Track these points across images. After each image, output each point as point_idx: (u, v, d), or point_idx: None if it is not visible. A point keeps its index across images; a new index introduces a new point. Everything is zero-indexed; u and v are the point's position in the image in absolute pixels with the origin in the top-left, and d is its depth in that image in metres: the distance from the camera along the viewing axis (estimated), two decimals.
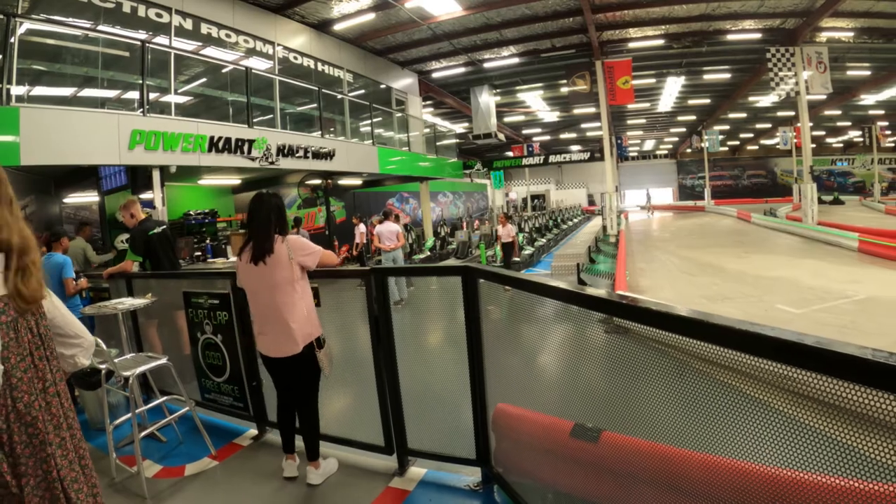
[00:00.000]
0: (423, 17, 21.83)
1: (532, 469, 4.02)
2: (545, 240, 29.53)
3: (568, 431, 3.43)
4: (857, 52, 32.67)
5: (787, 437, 2.15)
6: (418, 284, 10.89)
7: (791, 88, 28.55)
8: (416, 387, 4.95)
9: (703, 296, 15.72)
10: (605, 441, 3.23)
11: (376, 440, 5.00)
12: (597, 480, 3.33)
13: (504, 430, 4.24)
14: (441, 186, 41.32)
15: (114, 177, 15.59)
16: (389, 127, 26.00)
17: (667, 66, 34.30)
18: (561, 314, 3.62)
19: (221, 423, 6.34)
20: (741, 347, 2.12)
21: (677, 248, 27.34)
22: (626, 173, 73.59)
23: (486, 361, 4.34)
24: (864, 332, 11.56)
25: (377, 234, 15.64)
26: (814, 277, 17.78)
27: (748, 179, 77.62)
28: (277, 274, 4.50)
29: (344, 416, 5.65)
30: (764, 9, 25.07)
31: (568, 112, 43.69)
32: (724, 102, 45.42)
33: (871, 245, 22.68)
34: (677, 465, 2.73)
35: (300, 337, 4.55)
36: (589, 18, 23.46)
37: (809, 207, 30.34)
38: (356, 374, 5.25)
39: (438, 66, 29.51)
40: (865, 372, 1.69)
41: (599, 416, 3.40)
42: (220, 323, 5.96)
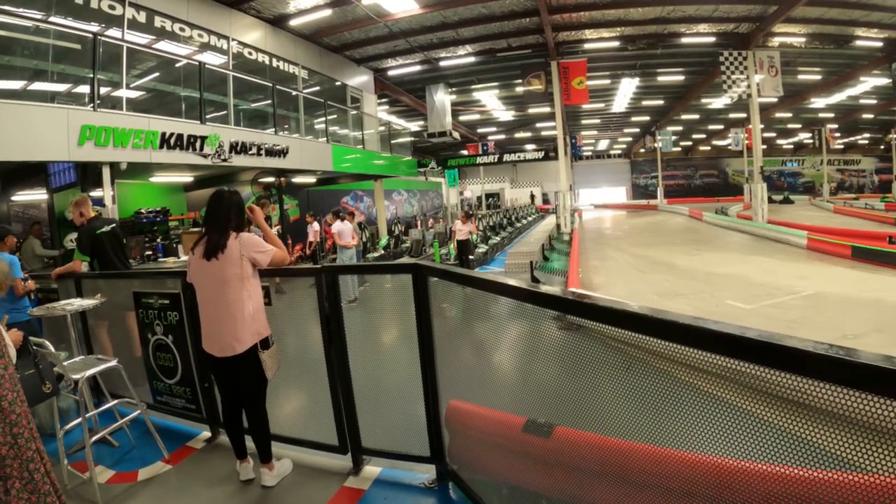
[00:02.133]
0: (381, 14, 21.76)
1: (486, 465, 4.06)
2: (499, 238, 29.59)
3: (520, 427, 3.47)
4: (808, 57, 33.46)
5: (734, 427, 2.21)
6: (372, 283, 10.89)
7: (743, 91, 29.13)
8: (370, 385, 4.93)
9: (655, 292, 15.98)
10: (558, 436, 3.27)
11: (330, 440, 4.96)
12: (550, 474, 3.37)
13: (457, 426, 4.26)
14: (396, 185, 41.18)
15: (63, 173, 15.26)
16: (344, 125, 25.75)
17: (622, 67, 34.69)
18: (513, 311, 3.65)
19: (174, 426, 6.22)
20: (686, 341, 2.20)
21: (630, 246, 27.72)
22: (580, 172, 74.24)
23: (438, 359, 4.36)
24: (813, 325, 11.95)
25: (337, 233, 15.56)
26: (764, 274, 18.23)
27: (700, 179, 79.21)
28: (228, 270, 4.46)
29: (297, 417, 5.58)
30: (718, 13, 25.50)
31: (523, 111, 43.91)
32: (677, 104, 46.13)
33: (819, 242, 23.39)
34: (628, 458, 2.79)
35: (248, 335, 4.49)
36: (545, 19, 23.60)
37: (760, 206, 31.12)
38: (308, 373, 5.20)
39: (395, 63, 29.45)
40: (807, 363, 1.79)
41: (552, 411, 3.45)
42: (170, 323, 5.85)
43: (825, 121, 57.75)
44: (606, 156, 79.18)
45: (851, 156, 77.77)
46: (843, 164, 78.19)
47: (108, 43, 13.38)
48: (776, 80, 29.58)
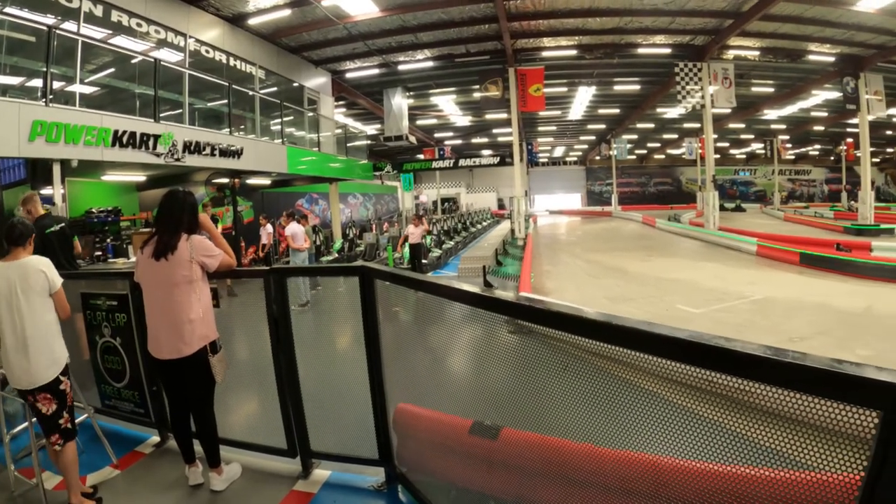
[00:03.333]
0: (340, 16, 21.67)
1: (434, 467, 4.11)
2: (453, 242, 29.61)
3: (468, 429, 3.53)
4: (762, 70, 34.22)
5: (671, 426, 2.27)
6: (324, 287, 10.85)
7: (697, 102, 29.59)
8: (319, 388, 4.93)
9: (607, 297, 16.12)
10: (504, 437, 3.33)
11: (279, 443, 4.96)
12: (496, 475, 3.43)
13: (406, 429, 4.30)
14: (351, 188, 41.06)
15: (12, 170, 14.91)
16: (300, 126, 25.65)
17: (579, 75, 35.04)
18: (462, 316, 3.68)
19: (123, 431, 6.13)
20: (627, 344, 2.29)
21: (583, 252, 27.88)
22: (536, 178, 74.73)
23: (386, 362, 4.37)
24: (759, 329, 12.12)
25: (290, 235, 15.46)
26: (714, 279, 18.48)
27: (654, 187, 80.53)
28: (177, 272, 4.42)
29: (246, 420, 5.58)
30: (675, 25, 25.90)
31: (480, 117, 43.98)
32: (633, 112, 46.69)
33: (768, 249, 23.85)
34: (571, 458, 2.85)
35: (195, 338, 4.45)
36: (504, 26, 23.72)
37: (711, 214, 31.67)
38: (257, 376, 5.17)
39: (353, 66, 29.31)
40: (739, 364, 1.89)
41: (499, 413, 3.49)
42: (119, 325, 5.76)
43: (777, 132, 59.39)
44: (562, 162, 79.93)
45: (802, 166, 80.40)
46: (794, 173, 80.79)
47: (63, 36, 13.12)
48: (730, 91, 30.09)
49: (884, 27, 26.13)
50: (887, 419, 1.54)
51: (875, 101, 32.40)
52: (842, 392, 1.66)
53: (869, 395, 1.59)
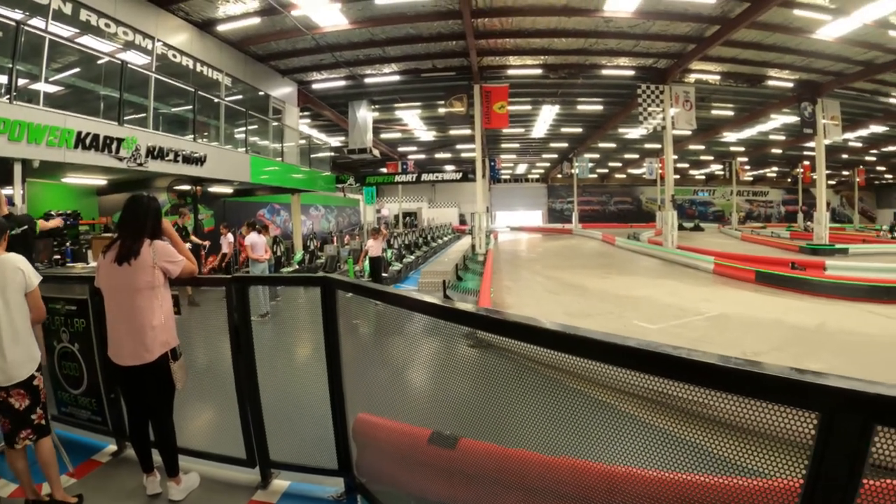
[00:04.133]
0: (309, 26, 21.66)
1: (393, 477, 4.11)
2: (414, 256, 29.61)
3: (426, 439, 3.55)
4: (722, 93, 35.02)
5: (628, 436, 2.34)
6: (284, 297, 10.80)
7: (658, 123, 29.97)
8: (278, 398, 4.91)
9: (566, 312, 16.24)
10: (462, 447, 3.37)
11: (238, 453, 4.92)
12: (455, 485, 3.46)
13: (365, 439, 4.30)
14: (313, 199, 40.79)
15: None
16: (265, 136, 25.32)
17: (543, 94, 35.35)
18: (422, 327, 3.72)
19: (79, 439, 6.00)
20: (581, 352, 2.36)
21: (543, 269, 28.02)
22: (498, 195, 75.20)
23: (346, 372, 4.38)
24: (714, 343, 12.37)
25: (250, 245, 15.34)
26: (671, 296, 18.75)
27: (615, 205, 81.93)
28: (140, 278, 4.38)
29: (205, 429, 5.54)
30: (639, 48, 26.35)
31: (444, 132, 44.26)
32: (595, 132, 47.26)
33: (725, 267, 24.37)
34: (527, 467, 2.91)
35: (156, 345, 4.40)
36: (471, 43, 23.89)
37: (670, 233, 32.14)
38: (217, 385, 5.13)
39: (319, 77, 29.30)
40: (685, 370, 1.98)
41: (458, 423, 3.54)
42: (77, 331, 5.66)
43: (736, 154, 60.92)
44: (524, 179, 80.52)
45: (760, 187, 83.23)
46: (752, 194, 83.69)
47: (31, 33, 12.93)
48: (690, 114, 30.58)
49: (841, 55, 26.98)
50: (825, 420, 1.62)
51: (831, 125, 33.42)
52: (783, 396, 1.76)
53: (808, 399, 1.69)
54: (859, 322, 15.06)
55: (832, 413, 1.60)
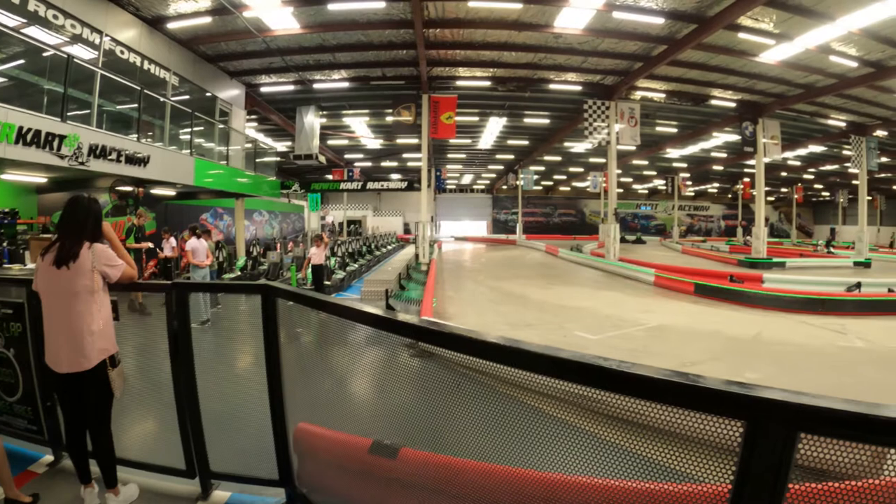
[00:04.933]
0: (260, 28, 21.47)
1: (334, 487, 4.09)
2: (358, 265, 29.43)
3: (367, 448, 3.54)
4: (667, 111, 35.82)
5: (564, 443, 2.38)
6: (225, 305, 10.69)
7: (603, 138, 30.36)
8: (219, 407, 4.84)
9: (507, 323, 16.28)
10: (403, 456, 3.37)
11: (178, 463, 4.83)
12: (395, 494, 3.47)
13: (306, 449, 4.28)
14: (257, 205, 40.40)
15: None
16: (210, 138, 25.05)
17: (491, 106, 35.54)
18: (363, 337, 3.72)
19: (15, 449, 5.73)
20: (515, 363, 2.40)
21: (486, 279, 28.08)
22: (443, 205, 75.33)
23: (286, 381, 4.33)
24: (653, 353, 12.62)
25: (191, 250, 15.12)
26: (612, 307, 18.96)
27: (559, 217, 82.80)
28: (78, 281, 4.28)
29: (144, 439, 5.44)
30: (587, 65, 26.73)
31: (391, 141, 44.10)
32: (541, 145, 47.59)
33: (665, 280, 24.77)
34: (469, 476, 2.93)
35: (94, 351, 4.31)
36: (422, 53, 23.97)
37: (612, 245, 32.48)
38: (155, 393, 5.05)
39: (268, 80, 29.00)
40: (615, 381, 2.05)
41: (399, 432, 3.55)
42: (12, 335, 5.44)
43: (679, 169, 62.28)
44: (470, 190, 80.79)
45: (701, 202, 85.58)
46: (693, 209, 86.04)
47: None
48: (635, 130, 31.02)
49: (784, 78, 27.82)
50: (750, 429, 1.68)
51: (771, 144, 34.39)
52: (710, 406, 1.82)
53: (734, 408, 1.75)
54: (794, 332, 15.58)
55: (757, 422, 1.67)
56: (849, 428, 1.57)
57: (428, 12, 20.78)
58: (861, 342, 14.64)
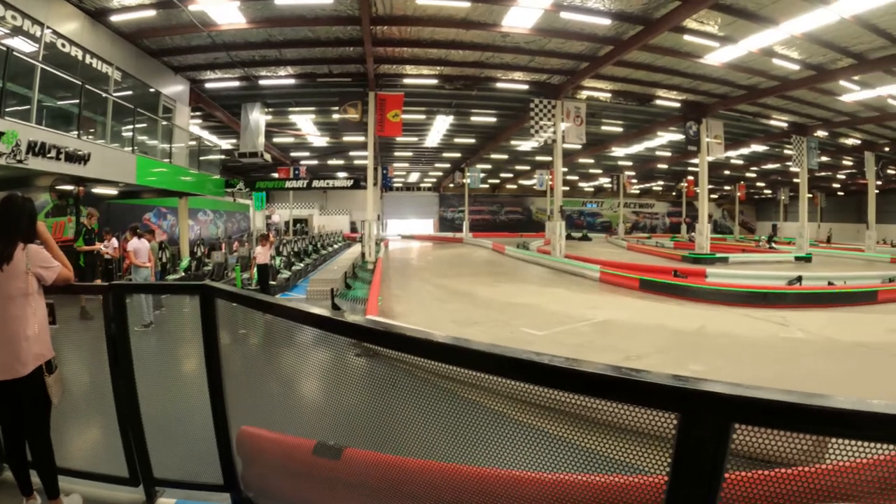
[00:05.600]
0: (206, 23, 21.07)
1: (279, 490, 4.05)
2: (304, 264, 29.28)
3: (311, 450, 3.52)
4: (612, 110, 36.38)
5: (509, 440, 2.40)
6: (169, 307, 10.57)
7: (549, 137, 30.62)
8: (161, 413, 4.75)
9: (453, 320, 16.42)
10: (347, 457, 3.35)
11: (121, 472, 4.68)
12: (339, 495, 3.45)
13: (250, 453, 4.22)
14: (202, 204, 39.80)
15: None
16: (153, 135, 24.31)
17: (438, 104, 35.57)
18: (307, 337, 3.67)
19: None
20: (460, 363, 2.41)
21: (433, 277, 28.29)
22: (390, 203, 75.27)
23: (229, 383, 4.24)
24: (599, 348, 12.89)
25: (133, 251, 14.75)
26: (558, 304, 19.23)
27: (506, 215, 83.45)
28: (12, 284, 4.11)
29: (86, 447, 5.32)
30: (534, 64, 26.94)
31: (338, 139, 43.88)
32: (488, 143, 47.91)
33: (610, 276, 25.25)
34: (411, 474, 2.94)
35: (30, 357, 4.15)
36: (369, 50, 23.83)
37: (558, 242, 32.87)
38: (96, 400, 4.87)
39: (213, 76, 28.56)
40: (546, 375, 2.08)
41: (344, 433, 3.55)
42: None
43: (624, 168, 63.38)
44: (417, 188, 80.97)
45: (646, 200, 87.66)
46: (638, 206, 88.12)
47: None
48: (581, 129, 31.41)
49: (727, 79, 28.50)
50: (684, 421, 1.71)
51: (714, 143, 35.25)
52: (645, 399, 1.84)
53: (667, 401, 1.78)
54: (737, 325, 16.07)
55: (690, 414, 1.70)
56: (780, 418, 1.61)
57: (376, 9, 20.71)
58: (802, 333, 15.19)
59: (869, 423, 1.52)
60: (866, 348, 13.63)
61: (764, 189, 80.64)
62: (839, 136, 42.73)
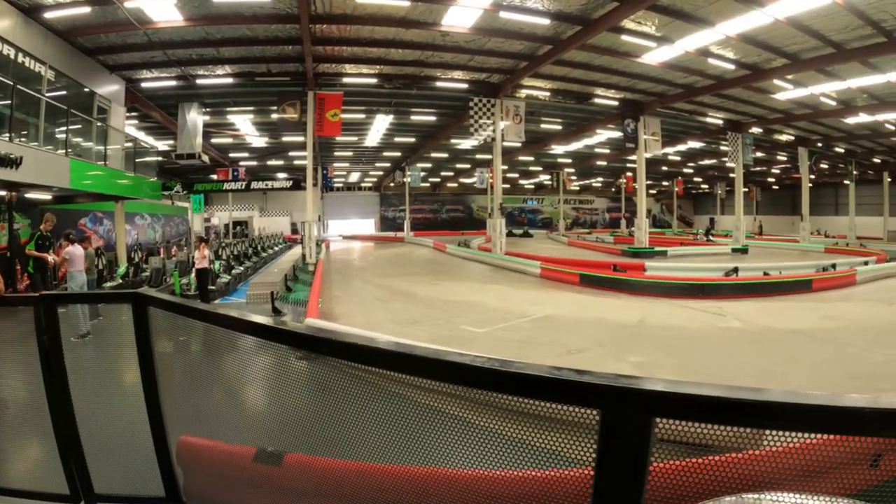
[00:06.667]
0: (142, 20, 20.51)
1: (221, 499, 4.04)
2: (243, 268, 28.91)
3: (251, 457, 3.53)
4: (551, 109, 36.95)
5: (448, 437, 2.45)
6: (106, 315, 10.41)
7: (489, 135, 30.88)
8: (100, 426, 4.62)
9: (394, 321, 16.42)
10: (288, 462, 3.37)
11: (61, 489, 4.49)
12: (281, 502, 3.47)
13: (190, 462, 4.18)
14: (139, 207, 38.68)
15: None
16: (88, 137, 23.65)
17: (377, 103, 35.49)
18: (245, 343, 3.64)
19: None
20: (381, 364, 2.47)
21: (374, 277, 28.25)
22: (330, 203, 74.81)
23: (167, 393, 4.14)
24: (540, 344, 13.02)
25: (68, 259, 14.43)
26: (499, 300, 19.41)
27: (447, 213, 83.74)
28: None
29: (23, 466, 5.15)
30: (473, 63, 27.13)
31: (277, 139, 43.59)
32: (428, 142, 47.92)
33: (551, 272, 25.52)
34: (350, 477, 2.98)
35: None
36: (308, 49, 23.69)
37: (499, 239, 33.30)
38: (32, 417, 4.76)
39: (149, 75, 27.91)
40: (470, 376, 2.12)
41: (286, 439, 3.51)
42: None
43: (564, 165, 64.49)
44: (357, 188, 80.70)
45: (586, 196, 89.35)
46: (578, 203, 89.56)
47: None
48: (520, 127, 31.73)
49: (664, 78, 29.21)
50: (605, 416, 1.77)
51: (652, 140, 36.05)
52: (568, 397, 1.89)
53: (590, 397, 1.83)
54: (676, 316, 16.53)
55: (611, 409, 1.75)
56: (698, 410, 1.68)
57: (315, 7, 20.59)
58: (739, 322, 15.71)
59: (774, 412, 1.61)
60: (801, 335, 14.15)
61: (701, 184, 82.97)
62: (773, 133, 44.19)
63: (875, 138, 44.10)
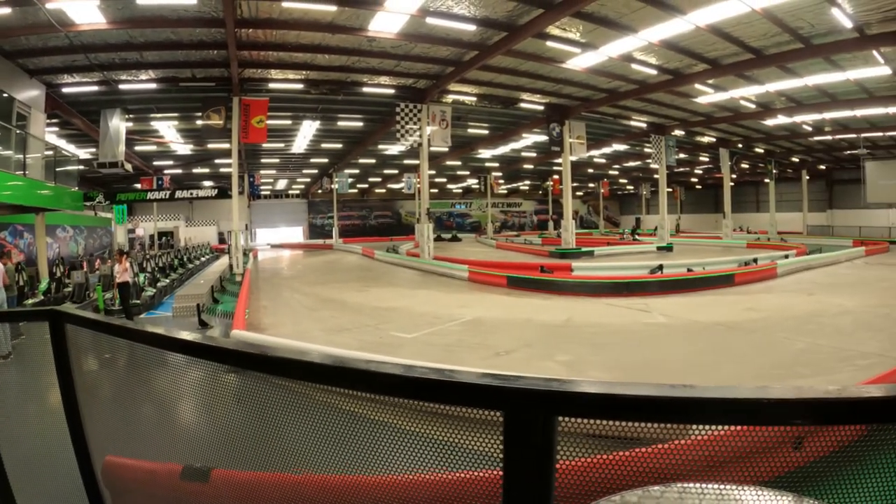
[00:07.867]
0: (64, 22, 19.85)
1: None
2: (169, 280, 28.32)
3: (178, 474, 3.51)
4: (478, 113, 37.35)
5: (371, 443, 2.49)
6: (29, 334, 10.17)
7: (416, 140, 31.04)
8: (24, 450, 4.50)
9: (323, 329, 16.39)
10: (215, 478, 3.36)
11: None
12: None
13: (116, 483, 4.08)
14: (60, 219, 37.38)
15: None
16: (6, 145, 22.48)
17: (304, 109, 35.46)
18: (171, 359, 3.61)
19: None
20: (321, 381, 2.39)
21: (302, 285, 28.09)
22: (258, 211, 74.10)
23: (89, 413, 4.01)
24: (468, 346, 13.24)
25: None
26: (428, 305, 19.60)
27: (375, 219, 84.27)
28: None
29: None
30: (400, 68, 27.29)
31: (202, 146, 42.90)
32: (355, 148, 47.92)
33: (479, 275, 25.82)
34: (279, 490, 2.97)
35: None
36: (233, 54, 23.40)
37: (426, 244, 33.53)
38: None
39: (71, 80, 27.01)
40: (374, 383, 2.13)
41: (214, 454, 3.50)
42: None
43: (491, 169, 65.61)
44: (285, 195, 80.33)
45: (514, 199, 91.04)
46: (506, 206, 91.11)
47: None
48: (447, 132, 32.03)
49: (588, 83, 29.98)
50: (508, 417, 1.80)
51: (577, 144, 37.12)
52: (471, 399, 1.92)
53: (490, 399, 1.87)
54: (602, 314, 16.98)
55: (513, 411, 1.79)
56: (598, 408, 1.75)
57: (241, 11, 20.38)
58: (663, 318, 16.21)
59: (672, 407, 1.68)
60: (725, 327, 14.72)
61: (627, 185, 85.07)
62: (696, 135, 45.67)
63: (793, 138, 46.12)
